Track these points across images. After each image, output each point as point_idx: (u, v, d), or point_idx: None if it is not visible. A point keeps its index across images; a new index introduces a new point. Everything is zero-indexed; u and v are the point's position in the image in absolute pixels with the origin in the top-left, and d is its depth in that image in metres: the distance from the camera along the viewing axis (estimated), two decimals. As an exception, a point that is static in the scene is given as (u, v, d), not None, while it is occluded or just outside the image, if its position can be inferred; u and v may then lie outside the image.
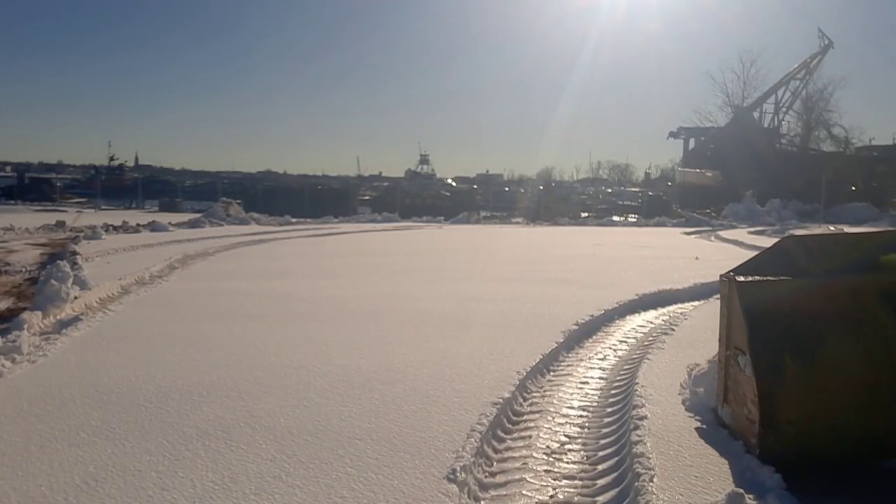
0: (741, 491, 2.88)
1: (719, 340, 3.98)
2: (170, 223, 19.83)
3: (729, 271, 3.91)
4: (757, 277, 3.73)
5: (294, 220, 25.83)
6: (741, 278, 3.73)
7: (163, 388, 4.54)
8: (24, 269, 10.47)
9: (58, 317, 6.67)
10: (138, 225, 19.39)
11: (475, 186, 61.66)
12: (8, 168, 77.22)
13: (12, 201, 35.44)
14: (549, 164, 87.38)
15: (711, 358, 4.34)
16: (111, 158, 68.14)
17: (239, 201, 27.45)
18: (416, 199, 39.77)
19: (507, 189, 57.34)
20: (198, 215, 23.77)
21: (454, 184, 68.70)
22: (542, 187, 44.28)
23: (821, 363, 3.37)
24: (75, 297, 7.38)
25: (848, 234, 4.19)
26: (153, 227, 18.94)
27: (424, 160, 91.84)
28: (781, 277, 3.72)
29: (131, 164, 76.56)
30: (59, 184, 49.18)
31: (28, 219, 21.64)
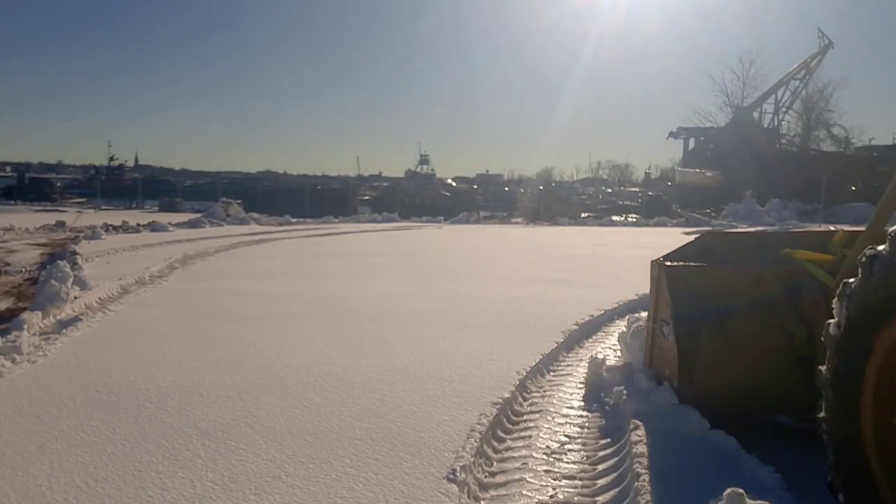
0: (741, 491, 2.87)
1: (648, 315, 4.65)
2: (170, 223, 19.82)
3: (659, 257, 4.59)
4: (681, 263, 4.47)
5: (294, 220, 25.82)
6: (668, 263, 4.43)
7: (163, 388, 4.54)
8: (24, 269, 10.47)
9: (58, 317, 6.67)
10: (138, 225, 19.38)
11: (475, 186, 61.71)
12: (8, 168, 77.25)
13: (12, 201, 35.42)
14: (549, 164, 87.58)
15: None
16: (111, 158, 68.23)
17: (239, 201, 27.44)
18: (416, 199, 39.79)
19: (506, 189, 57.38)
20: (198, 215, 23.76)
21: (454, 184, 68.74)
22: (541, 187, 44.27)
23: (729, 334, 4.05)
24: (75, 298, 7.38)
25: (756, 232, 5.06)
26: (153, 227, 18.93)
27: (424, 160, 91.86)
28: (701, 264, 4.52)
29: (131, 164, 76.62)
30: (58, 184, 49.19)
31: (28, 219, 21.63)
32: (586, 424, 4.28)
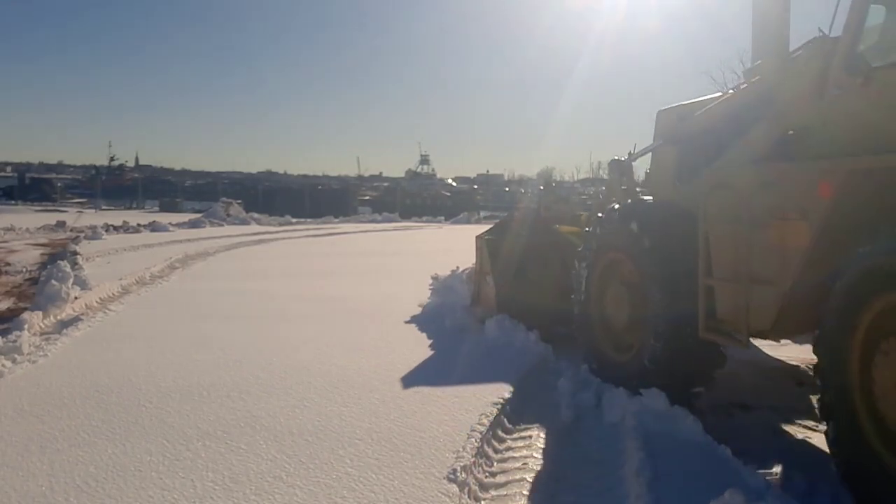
0: (741, 491, 2.88)
1: (475, 271, 7.16)
2: (170, 223, 19.83)
3: (481, 233, 7.20)
4: (494, 237, 7.05)
5: (294, 220, 25.84)
6: (487, 237, 7.04)
7: (163, 388, 4.54)
8: (24, 270, 10.48)
9: (58, 317, 6.66)
10: (139, 225, 19.39)
11: (475, 186, 61.65)
12: (8, 168, 77.22)
13: (13, 201, 35.48)
14: (550, 164, 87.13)
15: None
16: (111, 158, 68.21)
17: (239, 201, 27.45)
18: (416, 199, 39.80)
19: (507, 189, 57.32)
20: (198, 215, 23.78)
21: (454, 184, 68.66)
22: (542, 187, 44.15)
23: (525, 278, 6.59)
24: (76, 298, 7.38)
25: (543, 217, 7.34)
26: (153, 227, 18.95)
27: (424, 160, 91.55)
28: (505, 236, 7.03)
29: (132, 164, 76.45)
30: (59, 184, 49.26)
31: (29, 219, 21.65)
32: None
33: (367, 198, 43.41)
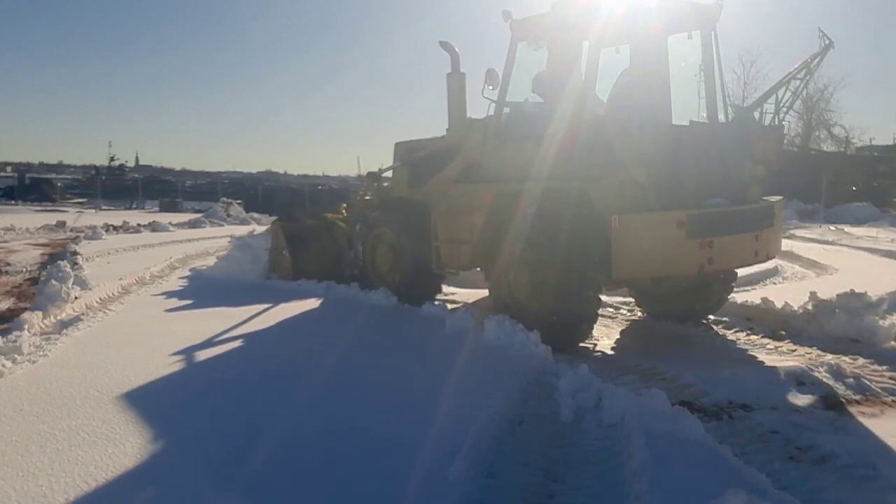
0: (741, 491, 2.87)
1: (272, 247, 9.60)
2: (170, 223, 19.84)
3: (275, 220, 10.23)
4: (284, 222, 9.67)
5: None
6: (279, 223, 9.65)
7: (163, 387, 4.54)
8: (24, 270, 10.48)
9: (58, 317, 6.66)
10: (139, 225, 19.38)
11: (475, 186, 61.55)
12: (8, 168, 77.35)
13: (13, 201, 35.48)
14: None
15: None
16: (111, 159, 68.13)
17: (239, 201, 27.41)
18: (417, 199, 39.73)
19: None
20: (198, 215, 23.78)
21: (454, 184, 68.57)
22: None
23: (310, 250, 9.27)
24: (76, 298, 7.38)
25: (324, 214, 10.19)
26: (153, 227, 18.94)
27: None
28: (292, 221, 9.86)
29: (132, 164, 76.49)
30: (59, 184, 49.24)
31: (29, 219, 21.66)
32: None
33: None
